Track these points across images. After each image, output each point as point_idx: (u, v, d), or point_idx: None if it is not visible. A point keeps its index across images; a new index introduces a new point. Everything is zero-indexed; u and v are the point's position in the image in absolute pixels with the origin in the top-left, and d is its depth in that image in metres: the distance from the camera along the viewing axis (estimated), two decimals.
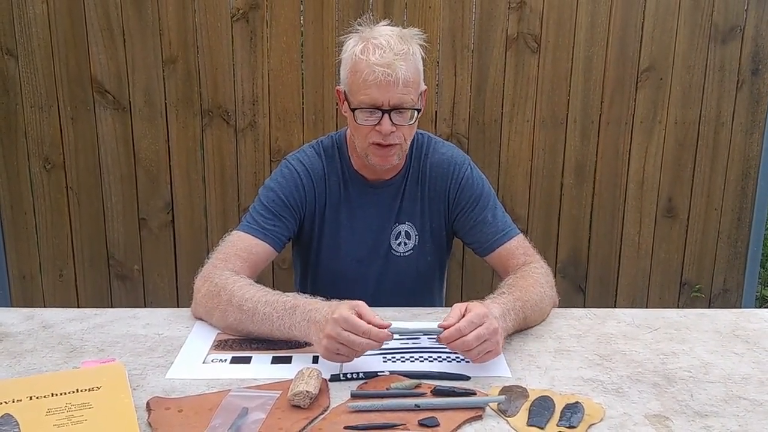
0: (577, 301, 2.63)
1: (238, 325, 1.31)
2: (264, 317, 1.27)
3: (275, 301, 1.28)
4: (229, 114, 2.41)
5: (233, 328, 1.33)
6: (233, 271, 1.41)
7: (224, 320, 1.33)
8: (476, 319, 1.16)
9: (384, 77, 1.39)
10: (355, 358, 1.17)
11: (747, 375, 1.22)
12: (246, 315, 1.29)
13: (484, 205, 1.61)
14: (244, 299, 1.30)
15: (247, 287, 1.33)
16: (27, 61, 2.34)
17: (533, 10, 2.38)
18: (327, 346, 1.15)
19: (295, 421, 1.03)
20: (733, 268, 2.66)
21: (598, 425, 1.04)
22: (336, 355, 1.16)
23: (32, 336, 1.32)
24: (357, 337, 1.14)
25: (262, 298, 1.29)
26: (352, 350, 1.15)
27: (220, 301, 1.33)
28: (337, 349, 1.15)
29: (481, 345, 1.16)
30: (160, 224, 2.49)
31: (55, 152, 2.42)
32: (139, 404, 1.07)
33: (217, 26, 2.34)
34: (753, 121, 2.52)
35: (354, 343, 1.14)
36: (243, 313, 1.29)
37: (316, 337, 1.19)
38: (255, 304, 1.28)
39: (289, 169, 1.60)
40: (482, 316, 1.17)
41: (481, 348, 1.16)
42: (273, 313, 1.26)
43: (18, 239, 2.49)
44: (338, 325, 1.14)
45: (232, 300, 1.31)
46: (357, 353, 1.16)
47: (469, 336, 1.15)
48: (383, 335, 1.15)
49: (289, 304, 1.26)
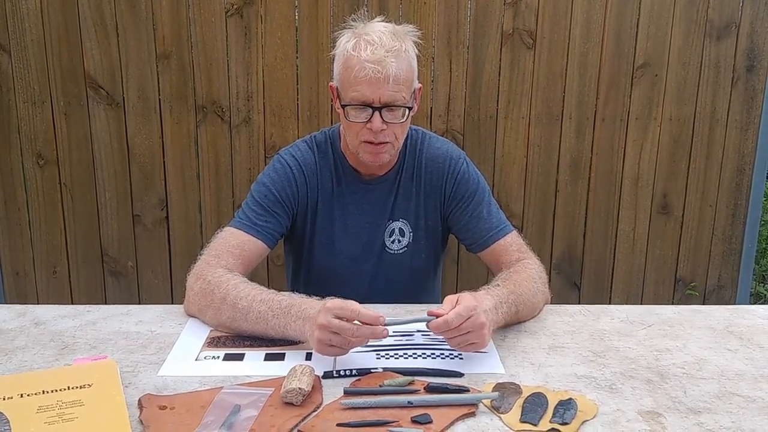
0: (572, 297, 2.64)
1: (232, 323, 1.31)
2: (258, 316, 1.26)
3: (270, 300, 1.27)
4: (224, 110, 2.40)
5: (227, 326, 1.32)
6: (226, 268, 1.40)
7: (218, 318, 1.33)
8: (465, 312, 1.17)
9: (374, 74, 1.38)
10: (349, 350, 1.16)
11: (740, 371, 1.22)
12: (240, 313, 1.28)
13: (479, 201, 1.61)
14: (239, 298, 1.29)
15: (242, 285, 1.33)
16: (20, 56, 2.33)
17: (528, 6, 2.38)
18: (320, 337, 1.15)
19: (287, 418, 1.02)
20: (728, 265, 2.67)
21: (591, 422, 1.04)
22: (329, 347, 1.15)
23: (24, 333, 1.31)
24: (349, 324, 1.13)
25: (257, 296, 1.29)
26: (344, 340, 1.14)
27: (214, 299, 1.33)
28: (330, 339, 1.14)
29: (465, 336, 1.18)
30: (154, 220, 2.48)
31: (49, 148, 2.40)
32: (131, 401, 1.06)
33: (211, 21, 2.33)
34: (748, 117, 2.52)
35: (344, 329, 1.13)
36: (237, 311, 1.29)
37: (310, 332, 1.18)
38: (249, 303, 1.28)
39: (281, 164, 1.59)
40: (471, 309, 1.17)
41: (462, 339, 1.18)
42: (268, 312, 1.26)
43: (11, 235, 2.48)
44: (329, 313, 1.14)
45: (226, 298, 1.31)
46: (350, 343, 1.15)
47: (455, 329, 1.16)
48: (374, 316, 1.14)
49: (285, 303, 1.25)
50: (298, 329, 1.22)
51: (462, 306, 1.17)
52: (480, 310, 1.19)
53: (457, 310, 1.17)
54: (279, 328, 1.24)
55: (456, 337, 1.18)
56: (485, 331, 1.20)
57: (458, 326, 1.16)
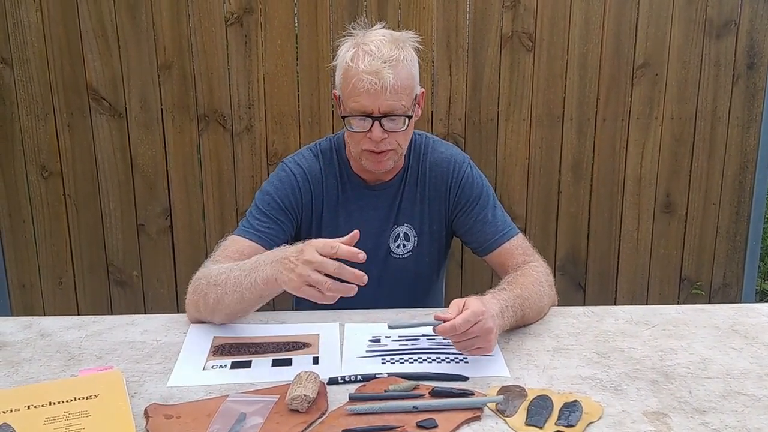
0: (577, 298, 2.63)
1: (218, 303, 1.32)
2: (235, 282, 1.28)
3: (241, 265, 1.30)
4: (225, 118, 2.41)
5: (217, 309, 1.34)
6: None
7: (207, 305, 1.35)
8: (472, 317, 1.17)
9: (371, 85, 1.38)
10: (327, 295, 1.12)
11: (746, 370, 1.22)
12: (221, 288, 1.30)
13: (484, 204, 1.61)
14: (218, 274, 1.32)
15: (223, 267, 1.35)
16: (22, 69, 2.34)
17: (527, 8, 2.38)
18: (300, 272, 1.12)
19: (293, 425, 1.02)
20: (733, 263, 2.66)
21: (596, 423, 1.04)
22: (308, 287, 1.13)
23: (30, 345, 1.32)
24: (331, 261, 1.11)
25: (231, 267, 1.32)
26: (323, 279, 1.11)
27: (201, 287, 1.36)
28: (309, 275, 1.11)
29: (471, 340, 1.18)
30: (158, 230, 2.49)
31: (52, 160, 2.42)
32: (137, 411, 1.07)
33: (211, 31, 2.34)
34: (749, 115, 2.52)
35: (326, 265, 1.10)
36: (218, 286, 1.31)
37: (286, 272, 1.16)
38: (226, 273, 1.31)
39: (285, 171, 1.59)
40: (479, 315, 1.17)
41: (469, 343, 1.18)
42: (240, 274, 1.27)
43: (17, 248, 2.49)
44: (313, 248, 1.13)
45: (209, 280, 1.34)
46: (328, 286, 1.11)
47: (462, 334, 1.16)
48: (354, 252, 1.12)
49: (253, 260, 1.29)
50: (271, 275, 1.20)
51: (470, 311, 1.17)
52: (488, 316, 1.19)
53: (465, 315, 1.17)
54: (253, 286, 1.24)
55: (462, 341, 1.18)
56: (492, 337, 1.20)
57: (465, 331, 1.16)
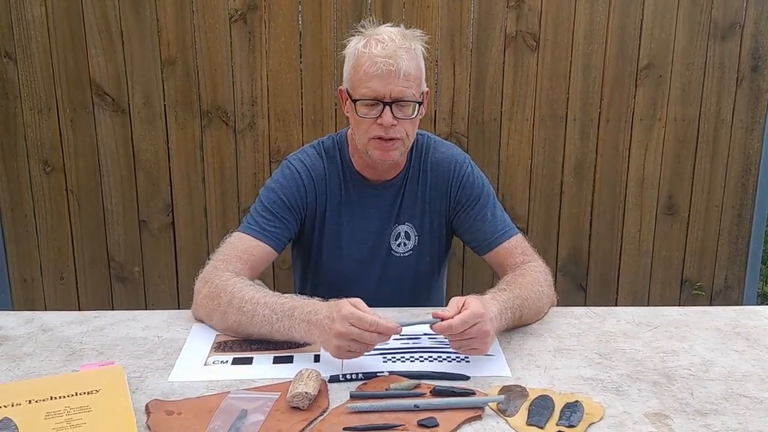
0: (578, 299, 2.63)
1: (238, 327, 1.31)
2: (263, 319, 1.27)
3: (274, 303, 1.28)
4: (228, 115, 2.41)
5: (233, 329, 1.33)
6: (234, 272, 1.41)
7: (224, 322, 1.33)
8: (471, 318, 1.17)
9: (386, 67, 1.40)
10: (365, 352, 1.19)
11: (747, 372, 1.21)
12: (246, 317, 1.29)
13: (484, 204, 1.61)
14: (244, 301, 1.30)
15: (246, 289, 1.33)
16: (26, 64, 2.34)
17: (532, 8, 2.38)
18: (338, 345, 1.16)
19: (294, 422, 1.02)
20: (734, 265, 2.66)
21: (597, 424, 1.04)
22: (347, 353, 1.18)
23: (32, 339, 1.32)
24: (366, 333, 1.15)
25: (261, 299, 1.29)
26: (362, 344, 1.16)
27: (221, 303, 1.33)
28: (349, 346, 1.16)
29: (467, 341, 1.18)
30: (160, 226, 2.49)
31: (55, 155, 2.42)
32: (138, 407, 1.07)
33: (215, 27, 2.34)
34: (753, 117, 2.51)
35: (364, 337, 1.15)
36: (243, 315, 1.30)
37: (322, 338, 1.20)
38: (254, 306, 1.29)
39: (290, 169, 1.59)
40: (477, 317, 1.17)
41: (465, 343, 1.19)
42: (272, 315, 1.26)
43: (18, 242, 2.49)
44: (346, 321, 1.15)
45: (232, 302, 1.31)
46: (367, 347, 1.17)
47: (459, 334, 1.17)
48: (393, 328, 1.16)
49: (288, 306, 1.26)
50: (303, 332, 1.23)
51: (469, 312, 1.17)
52: (486, 318, 1.19)
53: (463, 316, 1.17)
54: (284, 331, 1.25)
55: (459, 341, 1.19)
56: (489, 339, 1.21)
57: (462, 331, 1.17)
